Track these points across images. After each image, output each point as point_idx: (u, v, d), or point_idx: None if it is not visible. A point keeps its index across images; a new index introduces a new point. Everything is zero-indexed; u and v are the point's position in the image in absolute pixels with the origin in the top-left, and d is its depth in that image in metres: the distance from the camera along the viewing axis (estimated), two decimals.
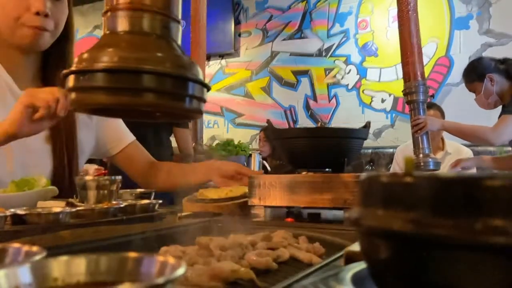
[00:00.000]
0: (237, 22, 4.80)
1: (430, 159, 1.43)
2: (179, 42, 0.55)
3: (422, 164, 1.41)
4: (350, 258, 0.42)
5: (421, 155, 1.48)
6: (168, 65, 0.50)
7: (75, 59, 0.52)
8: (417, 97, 1.48)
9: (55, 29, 1.11)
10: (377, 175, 0.28)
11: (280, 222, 0.97)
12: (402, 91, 1.52)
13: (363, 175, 0.30)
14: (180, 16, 0.55)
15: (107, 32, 0.52)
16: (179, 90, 0.51)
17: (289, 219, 1.00)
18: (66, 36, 1.17)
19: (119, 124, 1.28)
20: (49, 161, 1.12)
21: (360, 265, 0.33)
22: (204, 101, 0.55)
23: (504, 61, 2.48)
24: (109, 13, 0.52)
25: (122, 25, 0.51)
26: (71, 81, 0.51)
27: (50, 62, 1.17)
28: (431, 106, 2.96)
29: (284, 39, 4.61)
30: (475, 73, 2.49)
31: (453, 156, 2.89)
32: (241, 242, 0.64)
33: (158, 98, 0.50)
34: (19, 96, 1.09)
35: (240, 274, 0.51)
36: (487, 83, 2.43)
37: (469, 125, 2.43)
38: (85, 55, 0.51)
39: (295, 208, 1.14)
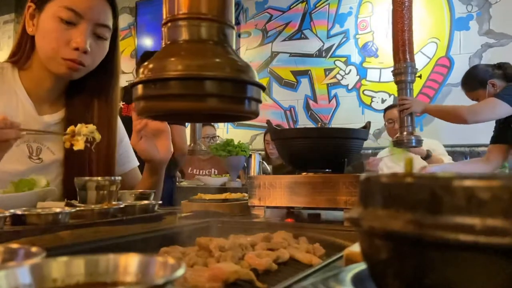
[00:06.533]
0: (237, 23, 4.80)
1: (413, 137, 1.51)
2: (234, 46, 0.57)
3: (405, 141, 1.49)
4: (350, 259, 0.42)
5: (405, 133, 1.57)
6: (228, 70, 0.53)
7: (141, 70, 0.54)
8: (405, 78, 1.54)
9: (91, 64, 1.09)
10: (377, 175, 0.28)
11: (280, 223, 0.97)
12: (392, 71, 1.58)
13: (363, 175, 0.30)
14: (233, 22, 0.58)
15: (168, 42, 0.55)
16: (239, 94, 0.54)
17: (289, 220, 1.00)
18: (107, 71, 1.15)
19: (127, 149, 1.27)
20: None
21: (360, 266, 0.33)
22: (261, 102, 0.58)
23: (499, 66, 2.50)
24: (169, 24, 0.55)
25: (182, 34, 0.54)
26: (139, 90, 0.54)
27: (78, 90, 1.16)
28: (394, 106, 2.99)
29: (284, 40, 4.61)
30: (477, 80, 2.49)
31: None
32: (241, 242, 0.64)
33: (220, 102, 0.53)
34: (37, 121, 1.08)
35: (240, 274, 0.51)
36: (490, 89, 2.44)
37: (449, 105, 2.48)
38: (151, 65, 0.53)
39: (295, 208, 1.14)
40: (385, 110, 3.22)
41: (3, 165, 0.96)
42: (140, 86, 0.54)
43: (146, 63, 0.54)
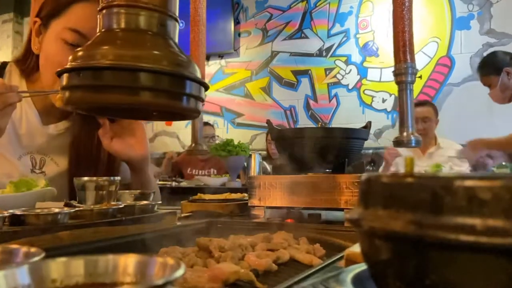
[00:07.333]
0: (237, 22, 4.80)
1: (413, 137, 1.56)
2: (176, 39, 0.53)
3: (405, 141, 1.54)
4: (351, 259, 0.42)
5: (405, 133, 1.62)
6: (165, 63, 0.48)
7: (70, 58, 0.50)
8: (405, 78, 1.58)
9: None
10: (377, 175, 0.28)
11: (280, 223, 0.97)
12: (392, 72, 1.62)
13: (364, 175, 0.30)
14: (177, 13, 0.54)
15: (103, 29, 0.51)
16: (176, 89, 0.50)
17: (289, 220, 0.99)
18: None
19: None
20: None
21: (361, 267, 0.33)
22: (202, 100, 0.54)
23: None
24: (104, 11, 0.51)
25: (118, 22, 0.50)
26: (65, 79, 0.49)
27: None
28: (424, 103, 3.02)
29: (284, 39, 4.61)
30: (493, 66, 2.51)
31: (445, 150, 2.99)
32: (241, 243, 0.64)
33: (154, 97, 0.48)
34: (41, 131, 1.08)
35: (240, 275, 0.51)
36: (503, 77, 2.45)
37: (502, 137, 2.42)
38: (80, 53, 0.49)
39: (295, 208, 1.14)
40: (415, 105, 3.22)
41: (4, 179, 0.95)
42: (65, 75, 0.49)
43: (76, 51, 0.50)
